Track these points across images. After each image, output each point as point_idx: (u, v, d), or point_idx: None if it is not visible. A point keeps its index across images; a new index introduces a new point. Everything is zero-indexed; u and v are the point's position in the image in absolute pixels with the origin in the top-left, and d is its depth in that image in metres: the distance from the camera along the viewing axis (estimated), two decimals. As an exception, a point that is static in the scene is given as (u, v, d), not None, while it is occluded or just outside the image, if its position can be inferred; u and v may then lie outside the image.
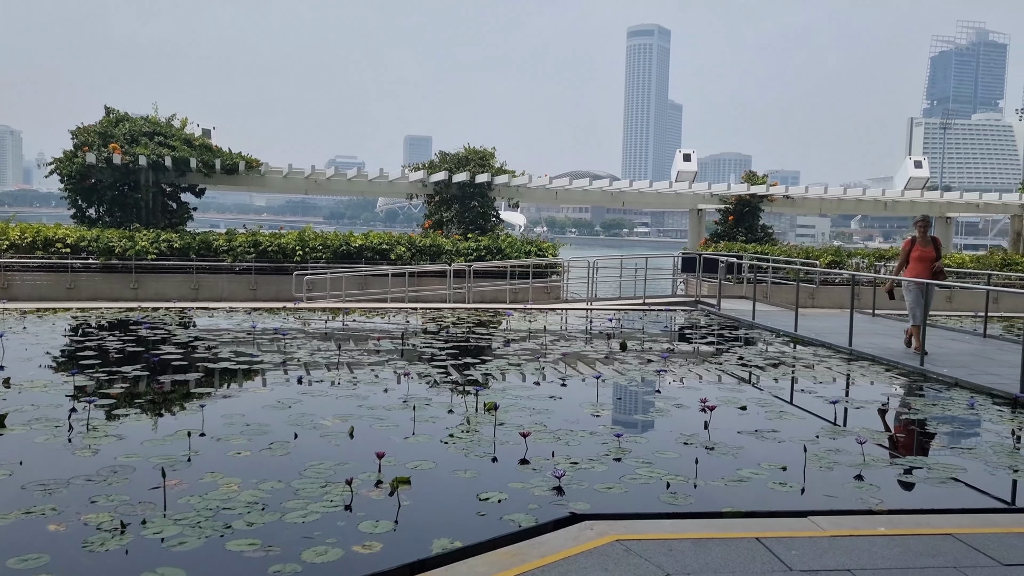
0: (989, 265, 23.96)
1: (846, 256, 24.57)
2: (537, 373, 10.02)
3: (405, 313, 16.72)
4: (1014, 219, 28.41)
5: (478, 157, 25.44)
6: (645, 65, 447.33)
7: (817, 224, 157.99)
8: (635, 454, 6.44)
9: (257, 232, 22.01)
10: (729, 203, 27.27)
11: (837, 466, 6.26)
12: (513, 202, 27.48)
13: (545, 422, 7.41)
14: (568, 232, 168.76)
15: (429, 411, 7.74)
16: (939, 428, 7.66)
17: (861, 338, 12.98)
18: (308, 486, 5.46)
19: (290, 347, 11.56)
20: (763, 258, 21.69)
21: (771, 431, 7.31)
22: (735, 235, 26.68)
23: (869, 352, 11.91)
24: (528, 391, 8.85)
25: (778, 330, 14.60)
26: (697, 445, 6.77)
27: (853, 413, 8.25)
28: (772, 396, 8.99)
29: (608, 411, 8.02)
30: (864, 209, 31.92)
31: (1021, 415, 8.29)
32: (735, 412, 8.09)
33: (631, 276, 21.64)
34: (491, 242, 22.39)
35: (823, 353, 12.30)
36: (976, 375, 10.19)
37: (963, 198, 28.38)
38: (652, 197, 28.24)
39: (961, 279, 22.67)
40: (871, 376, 10.55)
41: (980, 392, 9.32)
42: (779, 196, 27.41)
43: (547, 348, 12.27)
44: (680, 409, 8.17)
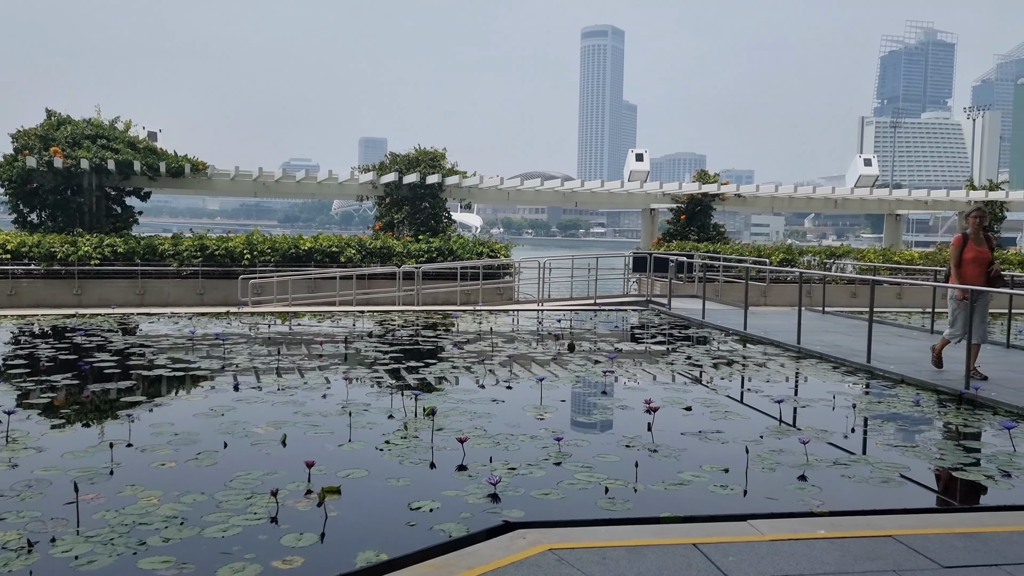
0: (937, 262, 24.34)
1: (797, 254, 24.79)
2: (482, 376, 9.83)
3: (353, 316, 16.42)
4: (962, 216, 28.91)
5: (429, 158, 25.19)
6: (599, 66, 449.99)
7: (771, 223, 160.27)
8: (575, 458, 6.28)
9: (204, 236, 21.52)
10: (681, 202, 27.38)
11: (780, 467, 6.16)
12: (465, 203, 27.28)
13: (485, 426, 7.22)
14: (525, 233, 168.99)
15: (367, 417, 7.50)
16: (884, 426, 7.64)
17: (810, 336, 13.01)
18: (232, 498, 5.20)
19: (230, 353, 11.21)
20: (714, 257, 21.76)
21: (715, 432, 7.21)
22: (687, 234, 26.78)
23: (817, 350, 11.93)
24: (471, 394, 8.66)
25: (728, 329, 14.60)
26: (640, 448, 6.64)
27: (799, 412, 8.20)
28: (719, 396, 8.92)
29: (551, 414, 7.85)
30: (815, 207, 32.34)
31: (965, 412, 8.31)
32: (680, 413, 7.99)
33: (583, 276, 21.56)
34: (442, 243, 22.16)
35: (772, 351, 12.30)
36: (922, 372, 10.23)
37: (911, 195, 28.85)
38: (605, 197, 28.25)
39: (911, 276, 23.00)
40: (818, 374, 10.54)
41: (926, 389, 9.34)
42: (731, 195, 27.59)
43: (495, 350, 12.09)
44: (625, 411, 8.04)
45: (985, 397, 8.61)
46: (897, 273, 22.98)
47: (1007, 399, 8.55)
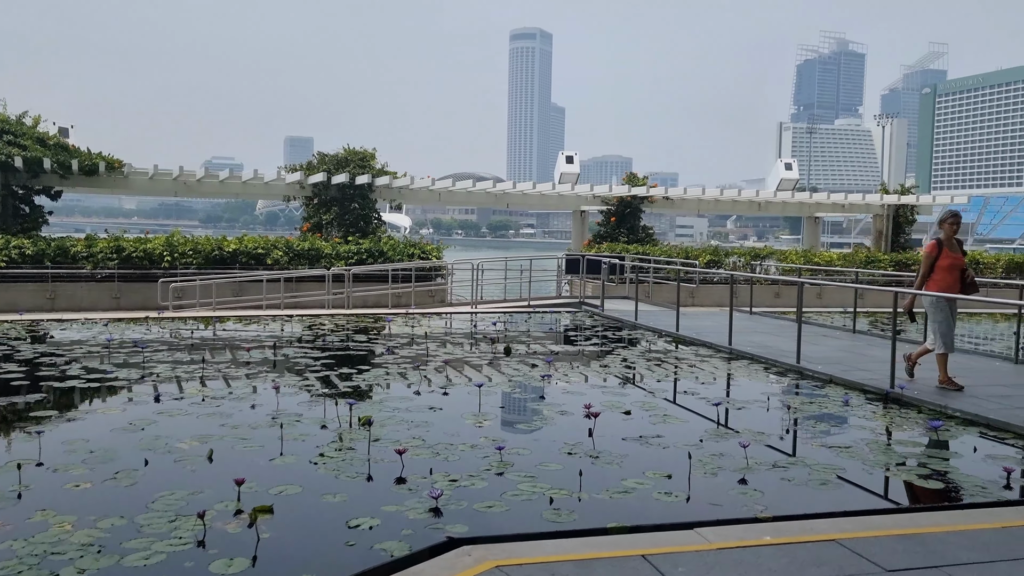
0: (855, 262, 25.07)
1: (723, 255, 25.21)
2: (418, 382, 9.61)
3: (281, 321, 15.97)
4: (876, 218, 29.89)
5: (358, 158, 24.76)
6: (528, 68, 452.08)
7: (695, 224, 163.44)
8: (518, 467, 6.14)
9: (121, 237, 20.65)
10: (611, 204, 27.57)
11: (721, 471, 6.14)
12: (396, 204, 26.94)
13: (424, 436, 7.02)
14: (455, 234, 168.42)
15: (299, 428, 7.22)
16: (817, 427, 7.72)
17: (740, 336, 13.17)
18: (155, 521, 4.89)
19: (150, 361, 10.72)
20: (645, 258, 21.95)
21: (655, 436, 7.16)
22: (617, 236, 26.98)
23: (748, 351, 12.07)
24: (407, 402, 8.44)
25: (660, 330, 14.69)
26: (581, 454, 6.54)
27: (735, 414, 8.23)
28: (656, 399, 8.90)
29: (491, 421, 7.70)
30: (739, 209, 32.96)
31: (892, 410, 8.47)
32: (619, 417, 7.93)
33: (516, 278, 21.49)
34: (372, 245, 21.79)
35: (704, 353, 12.40)
36: (849, 371, 10.44)
37: (830, 199, 29.66)
38: (536, 198, 28.25)
39: (830, 276, 23.62)
40: (751, 375, 10.65)
41: (853, 388, 9.52)
42: (659, 197, 27.92)
43: (430, 355, 11.87)
44: (564, 416, 7.94)
45: (910, 397, 8.80)
46: (817, 274, 23.57)
47: (930, 398, 8.76)
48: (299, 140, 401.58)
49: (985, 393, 9.08)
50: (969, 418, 7.99)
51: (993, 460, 6.68)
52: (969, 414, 8.05)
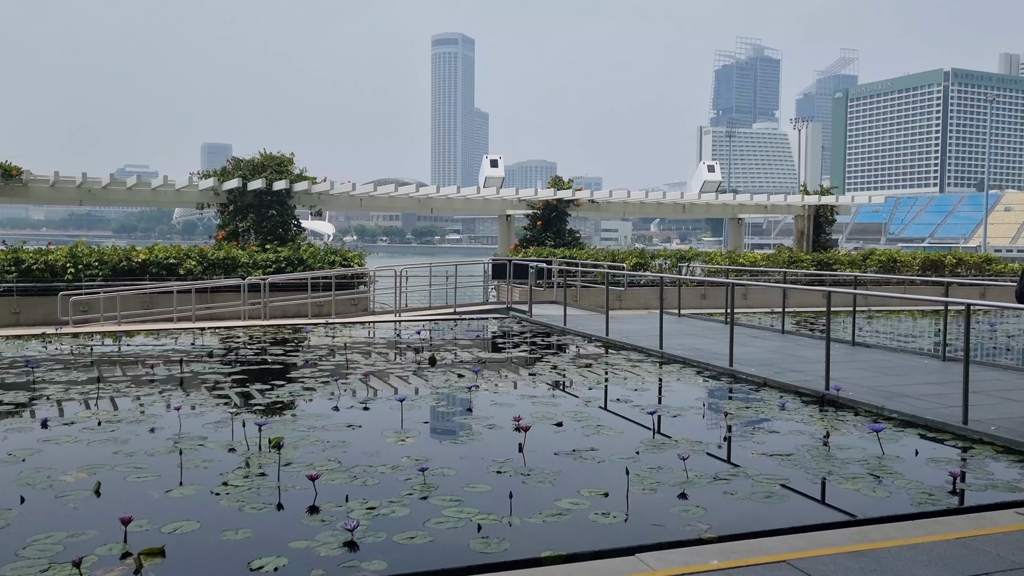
0: (779, 263, 25.32)
1: (650, 258, 25.14)
2: (336, 397, 9.02)
3: (193, 334, 15.09)
4: (797, 219, 30.33)
5: (275, 163, 23.82)
6: (451, 73, 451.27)
7: (620, 228, 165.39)
8: (443, 490, 5.65)
9: (20, 248, 19.34)
10: (537, 208, 27.25)
11: (661, 486, 5.77)
12: (315, 210, 26.03)
13: (341, 457, 6.47)
14: (379, 240, 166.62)
15: (202, 453, 6.58)
16: (756, 433, 7.44)
17: (671, 340, 12.94)
18: (25, 571, 4.24)
19: (41, 382, 9.84)
20: (572, 262, 21.68)
21: (590, 450, 6.76)
22: (544, 240, 26.66)
23: (680, 354, 11.82)
24: (324, 419, 7.86)
25: (590, 335, 14.37)
26: (512, 473, 6.09)
27: (671, 422, 7.90)
28: (589, 408, 8.52)
29: (414, 438, 7.19)
30: (664, 212, 33.07)
31: (829, 413, 8.28)
32: (551, 430, 7.51)
33: (441, 284, 20.96)
34: (292, 253, 20.94)
35: (636, 357, 12.11)
36: (782, 373, 10.26)
37: (754, 200, 29.97)
38: (461, 203, 27.74)
39: (755, 277, 23.78)
40: (684, 380, 10.38)
41: (788, 391, 9.32)
42: (585, 200, 27.73)
43: (350, 367, 11.27)
44: (493, 431, 7.48)
45: (845, 398, 8.63)
46: (742, 275, 23.69)
47: (865, 399, 8.61)
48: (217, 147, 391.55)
49: (918, 392, 8.98)
50: (906, 419, 7.83)
51: (936, 464, 6.48)
52: (906, 415, 7.90)
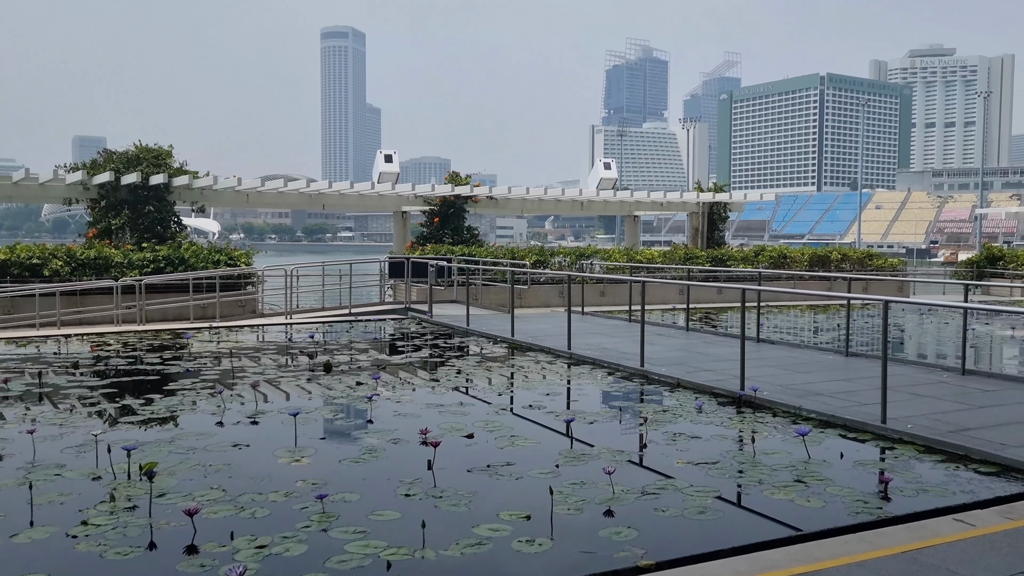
0: (676, 259, 25.48)
1: (549, 255, 24.87)
2: (221, 411, 8.17)
3: (58, 341, 13.76)
4: (692, 216, 30.71)
5: (152, 156, 22.26)
6: (341, 68, 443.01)
7: (515, 225, 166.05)
8: (345, 519, 4.99)
9: None
10: (434, 204, 26.58)
11: (586, 505, 5.28)
12: (198, 206, 24.54)
13: (225, 484, 5.70)
14: (268, 238, 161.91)
15: (59, 484, 5.68)
16: (678, 440, 7.05)
17: (578, 339, 12.56)
18: None
19: None
20: (472, 260, 21.13)
21: (505, 464, 6.22)
22: (442, 237, 26.01)
23: (589, 355, 11.44)
24: (206, 438, 7.03)
25: (495, 336, 13.85)
26: (422, 495, 5.48)
27: (588, 429, 7.44)
28: (500, 416, 7.97)
29: (310, 457, 6.47)
30: (561, 209, 32.96)
31: (747, 415, 8.01)
32: (462, 443, 6.93)
33: (335, 284, 20.02)
34: (172, 252, 19.57)
35: (544, 359, 11.65)
36: (694, 372, 10.00)
37: (650, 197, 30.16)
38: (354, 199, 26.77)
39: (652, 274, 23.82)
40: (596, 382, 9.97)
41: (703, 392, 9.03)
42: (483, 197, 27.23)
43: (237, 375, 10.37)
44: (398, 446, 6.84)
45: (762, 399, 8.40)
46: (639, 271, 23.71)
47: (781, 398, 8.40)
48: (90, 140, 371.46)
49: (830, 390, 8.85)
50: (825, 419, 7.63)
51: (863, 467, 6.25)
52: (824, 415, 7.70)
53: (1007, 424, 7.29)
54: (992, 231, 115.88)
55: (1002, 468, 6.07)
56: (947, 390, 8.88)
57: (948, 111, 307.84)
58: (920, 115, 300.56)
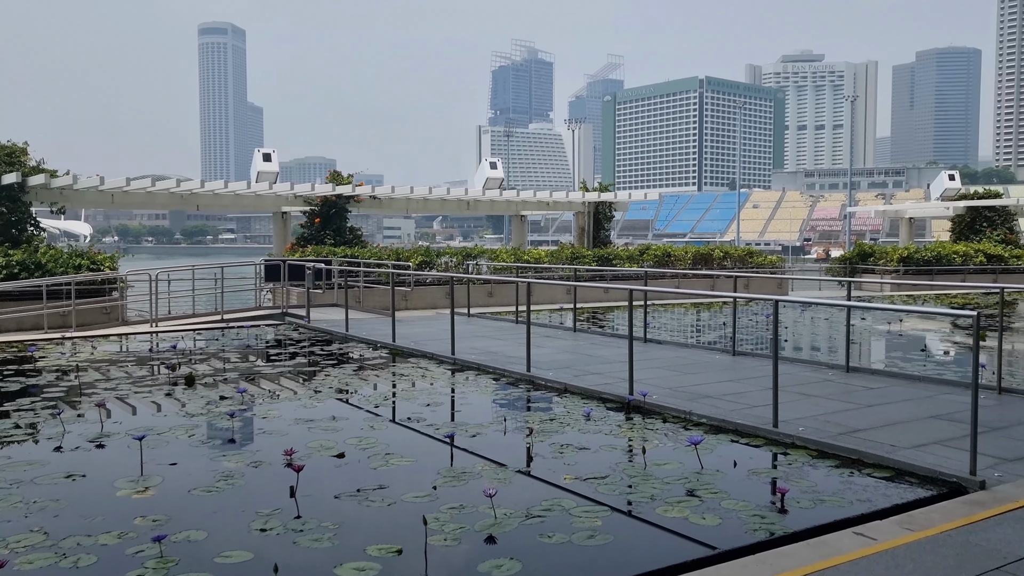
0: (563, 259, 25.34)
1: (435, 256, 24.28)
2: (59, 435, 7.23)
3: None
4: (578, 215, 30.71)
5: (4, 154, 20.46)
6: (221, 65, 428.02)
7: (403, 225, 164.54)
8: (186, 564, 4.31)
9: None
10: (315, 205, 25.55)
11: (465, 534, 4.76)
12: (58, 207, 22.74)
13: (49, 525, 4.90)
14: (144, 241, 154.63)
15: None
16: (565, 452, 6.61)
17: (463, 343, 12.05)
18: None
19: None
20: (354, 261, 20.32)
21: (377, 488, 5.63)
22: (323, 238, 25.03)
23: (474, 360, 10.93)
24: (38, 467, 6.15)
25: (376, 341, 13.17)
26: (281, 529, 4.83)
27: (470, 443, 6.93)
28: (376, 431, 7.35)
29: (155, 488, 5.70)
30: (448, 209, 32.41)
31: (636, 422, 7.67)
32: (331, 463, 6.29)
33: (209, 288, 18.82)
34: (27, 256, 17.93)
35: (427, 365, 11.06)
36: (581, 376, 9.65)
37: (536, 197, 29.96)
38: (230, 199, 25.41)
39: (539, 274, 23.58)
40: (481, 390, 9.47)
41: (591, 397, 8.67)
42: (366, 196, 26.36)
43: (85, 391, 9.34)
44: (259, 469, 6.14)
45: (652, 404, 8.09)
46: (527, 271, 23.44)
47: (670, 402, 8.13)
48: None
49: (719, 392, 8.65)
50: (716, 424, 7.37)
51: (758, 477, 5.98)
52: (715, 420, 7.44)
53: (895, 424, 7.21)
54: (860, 228, 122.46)
55: (895, 472, 5.91)
56: (834, 389, 8.83)
57: (818, 114, 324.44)
58: (793, 118, 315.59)
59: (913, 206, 44.29)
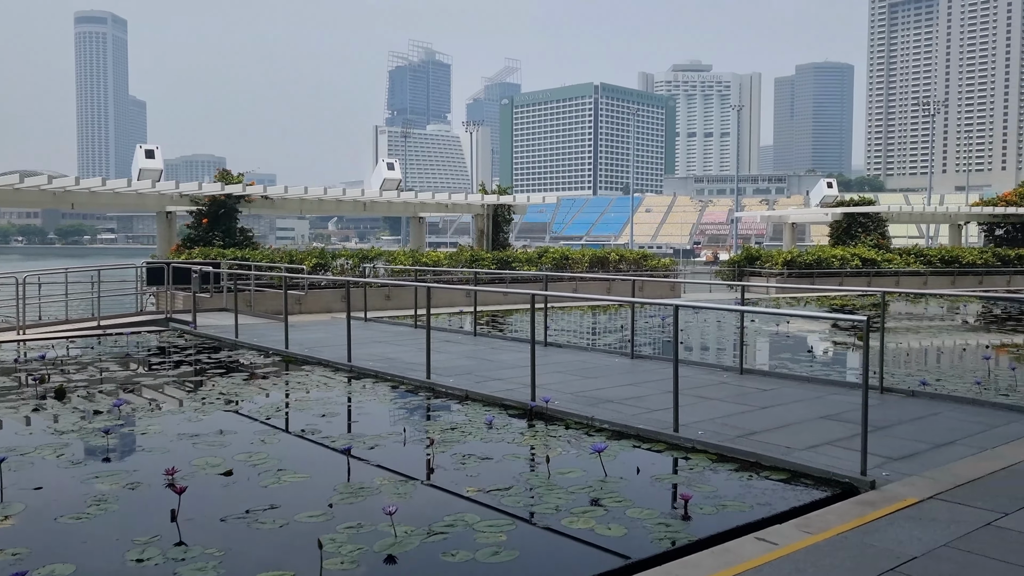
0: (461, 261, 25.16)
1: (331, 258, 23.68)
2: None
3: None
4: (477, 218, 30.58)
5: None
6: (99, 56, 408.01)
7: (296, 227, 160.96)
8: (51, 603, 3.89)
9: None
10: (203, 204, 24.50)
11: (363, 556, 4.51)
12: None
13: None
14: (14, 241, 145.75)
15: None
16: (467, 463, 6.42)
17: (360, 349, 11.71)
18: None
19: None
20: (244, 264, 19.57)
21: (268, 508, 5.30)
22: (212, 239, 24.02)
23: (371, 367, 10.61)
24: None
25: (267, 348, 12.64)
26: (160, 559, 4.46)
27: (369, 456, 6.65)
28: (267, 446, 6.97)
29: (14, 518, 5.19)
30: (344, 210, 31.70)
31: (539, 428, 7.56)
32: (218, 482, 5.91)
33: (85, 292, 17.71)
34: None
35: (322, 373, 10.66)
36: (483, 383, 9.48)
37: (435, 198, 29.67)
38: (109, 197, 24.07)
39: (438, 276, 23.33)
40: (379, 399, 9.16)
41: (493, 404, 8.51)
42: (257, 196, 25.46)
43: (-58, 408, 8.55)
44: (136, 492, 5.69)
45: (554, 410, 8.00)
46: (426, 274, 23.16)
47: (572, 408, 8.05)
48: None
49: (620, 396, 8.64)
50: (618, 429, 7.33)
51: (660, 483, 5.95)
52: (618, 425, 7.40)
53: (789, 425, 7.35)
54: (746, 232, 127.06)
55: (792, 474, 5.99)
56: (729, 391, 8.96)
57: (707, 122, 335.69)
58: (683, 125, 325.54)
59: (796, 212, 46.19)
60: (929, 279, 31.36)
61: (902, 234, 53.04)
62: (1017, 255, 33.63)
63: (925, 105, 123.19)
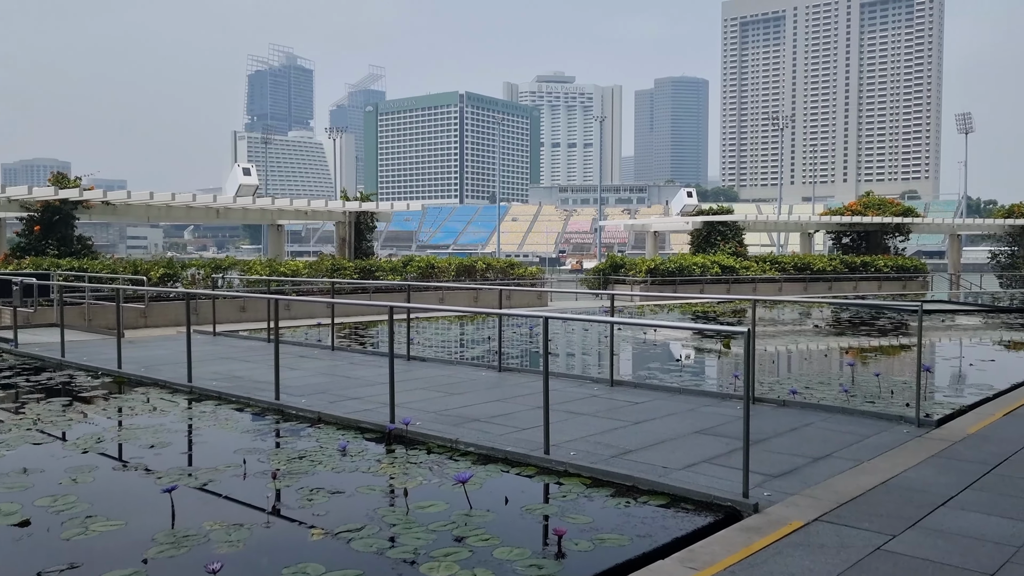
0: (322, 271, 24.09)
1: (181, 268, 22.07)
2: None
3: None
4: (339, 225, 29.48)
5: None
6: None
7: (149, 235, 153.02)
8: None
9: None
10: (34, 210, 22.37)
11: (179, 627, 3.73)
12: None
13: None
14: None
15: None
16: (316, 498, 5.67)
17: (203, 367, 10.66)
18: None
19: None
20: (80, 275, 17.87)
21: (67, 567, 4.41)
22: (45, 248, 21.95)
23: (215, 387, 9.62)
24: None
25: (97, 368, 11.35)
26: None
27: (198, 497, 5.79)
28: (78, 485, 5.98)
29: None
30: (196, 217, 29.89)
31: (398, 454, 6.89)
32: (10, 535, 4.93)
33: None
34: None
35: (158, 396, 9.56)
36: (338, 402, 8.72)
37: (293, 205, 28.40)
38: (-79, 202, 21.61)
39: (297, 287, 22.19)
40: (221, 424, 8.20)
41: (348, 427, 7.77)
42: (97, 201, 23.49)
43: None
44: (-102, 556, 4.65)
45: (415, 432, 7.35)
46: (284, 284, 21.97)
47: (435, 429, 7.45)
48: None
49: (487, 414, 8.10)
50: (484, 453, 6.76)
51: (532, 516, 5.41)
52: (483, 448, 6.83)
53: (663, 442, 7.01)
54: (609, 241, 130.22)
55: (671, 498, 5.59)
56: (600, 405, 8.59)
57: (570, 133, 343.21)
58: (548, 135, 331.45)
59: (658, 220, 47.37)
60: (784, 285, 32.63)
61: (756, 242, 55.40)
62: (863, 262, 35.56)
63: (774, 119, 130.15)
